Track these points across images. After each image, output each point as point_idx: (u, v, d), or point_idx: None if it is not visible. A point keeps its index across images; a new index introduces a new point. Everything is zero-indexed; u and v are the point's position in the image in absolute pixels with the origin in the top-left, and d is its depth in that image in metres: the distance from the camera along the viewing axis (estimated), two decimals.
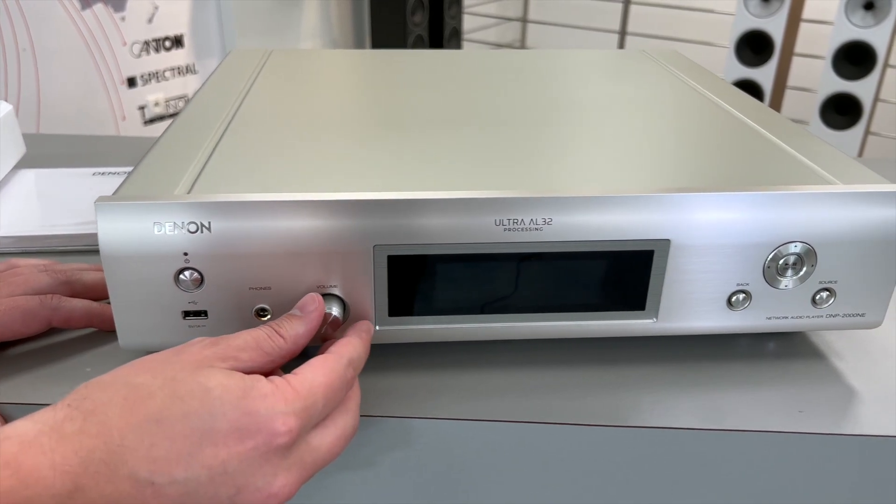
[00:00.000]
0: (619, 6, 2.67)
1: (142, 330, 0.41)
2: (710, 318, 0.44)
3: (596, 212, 0.41)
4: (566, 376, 0.45)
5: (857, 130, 2.22)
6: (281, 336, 0.37)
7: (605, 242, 0.42)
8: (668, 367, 0.46)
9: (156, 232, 0.39)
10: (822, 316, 0.45)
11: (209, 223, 0.39)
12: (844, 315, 0.45)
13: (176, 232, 0.39)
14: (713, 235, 0.42)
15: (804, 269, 0.43)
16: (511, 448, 0.42)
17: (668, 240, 0.42)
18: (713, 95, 0.62)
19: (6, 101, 0.73)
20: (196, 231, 0.39)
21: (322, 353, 0.38)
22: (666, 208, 0.41)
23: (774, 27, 2.26)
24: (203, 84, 0.61)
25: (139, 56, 2.10)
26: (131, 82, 2.08)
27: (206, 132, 0.50)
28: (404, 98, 0.60)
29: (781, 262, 0.43)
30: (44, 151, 0.80)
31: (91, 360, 0.46)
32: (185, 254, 0.39)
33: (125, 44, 2.06)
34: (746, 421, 0.42)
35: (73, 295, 0.47)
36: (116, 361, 0.45)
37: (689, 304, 0.44)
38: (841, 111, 2.25)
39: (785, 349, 0.49)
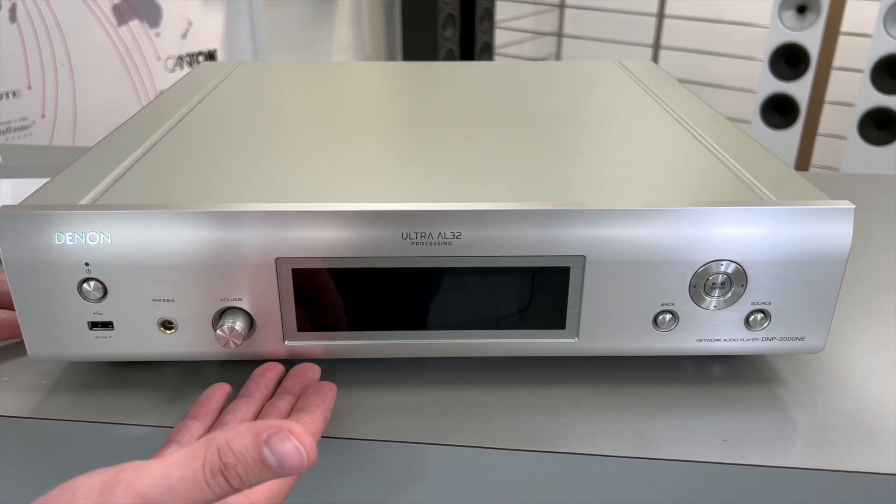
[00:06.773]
0: (653, 20, 2.63)
1: (49, 340, 0.41)
2: (636, 339, 0.42)
3: (507, 226, 0.40)
4: (488, 396, 0.44)
5: None
6: (229, 483, 0.27)
7: (517, 258, 0.40)
8: (596, 390, 0.44)
9: (56, 242, 0.39)
10: (757, 339, 0.43)
11: (109, 233, 0.39)
12: (782, 339, 0.43)
13: (76, 242, 0.39)
14: (631, 252, 0.40)
15: (733, 288, 0.41)
16: (422, 469, 0.41)
17: (583, 256, 0.40)
18: (673, 108, 0.60)
19: (44, 114, 0.75)
20: (96, 241, 0.39)
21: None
22: (580, 223, 0.40)
23: (810, 40, 2.19)
24: (157, 96, 0.61)
25: (173, 70, 2.15)
26: None
27: (137, 143, 0.50)
28: (337, 109, 0.59)
29: (708, 281, 0.41)
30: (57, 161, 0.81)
31: (8, 370, 0.46)
32: (87, 264, 0.39)
33: (159, 59, 2.11)
34: (664, 448, 0.40)
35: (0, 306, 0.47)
36: (32, 374, 0.45)
37: (612, 323, 0.42)
38: (881, 126, 2.17)
39: (728, 373, 0.46)
